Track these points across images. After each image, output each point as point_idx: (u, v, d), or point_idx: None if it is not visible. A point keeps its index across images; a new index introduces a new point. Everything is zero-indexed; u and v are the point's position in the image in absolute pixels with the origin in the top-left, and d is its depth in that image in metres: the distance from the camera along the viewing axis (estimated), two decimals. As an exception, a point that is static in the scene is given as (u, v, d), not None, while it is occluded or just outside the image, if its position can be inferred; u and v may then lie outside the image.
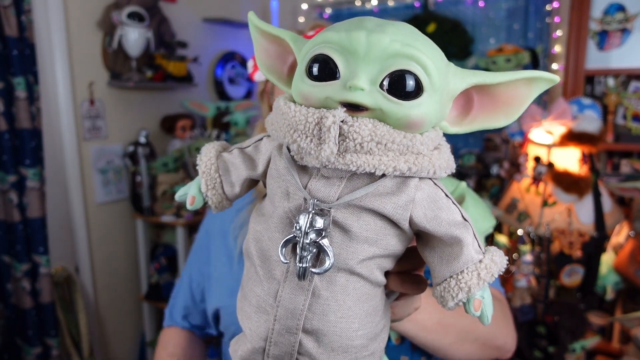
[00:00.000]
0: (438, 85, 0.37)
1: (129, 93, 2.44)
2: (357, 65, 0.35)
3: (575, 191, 1.61)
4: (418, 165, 0.36)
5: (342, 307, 0.40)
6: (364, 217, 0.38)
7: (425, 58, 0.36)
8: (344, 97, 0.35)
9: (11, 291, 1.94)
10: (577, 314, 1.65)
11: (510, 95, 0.39)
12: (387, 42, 0.35)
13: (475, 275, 0.38)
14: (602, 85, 2.09)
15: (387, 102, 0.35)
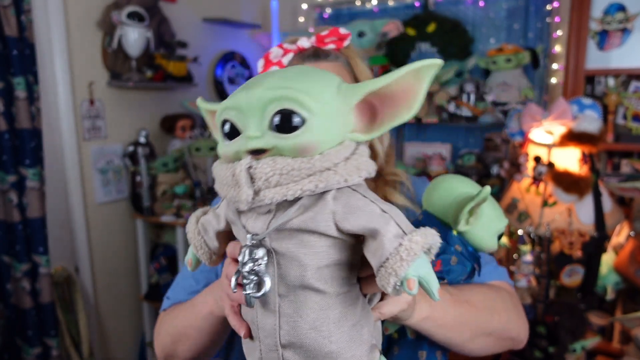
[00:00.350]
0: (319, 110, 0.42)
1: (128, 93, 2.44)
2: (246, 119, 0.43)
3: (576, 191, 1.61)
4: (324, 180, 0.42)
5: (307, 320, 0.45)
6: (297, 237, 0.44)
7: (297, 94, 0.41)
8: (246, 147, 0.43)
9: (11, 291, 1.94)
10: (578, 314, 1.65)
11: (404, 90, 0.44)
12: (261, 93, 0.42)
13: (398, 259, 0.41)
14: (602, 85, 2.09)
15: (278, 140, 0.42)
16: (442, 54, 2.88)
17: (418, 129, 3.04)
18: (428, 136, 3.04)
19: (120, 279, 2.47)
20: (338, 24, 3.09)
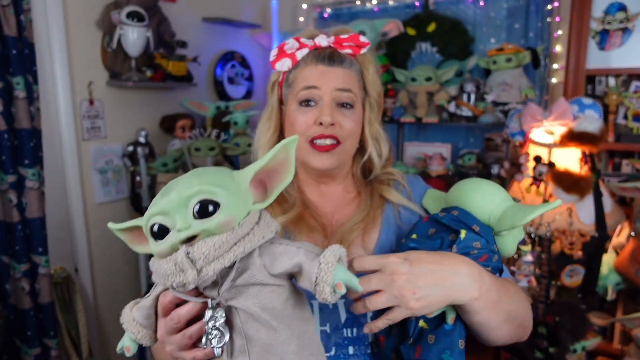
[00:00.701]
0: (226, 195, 0.54)
1: (128, 93, 2.43)
2: (172, 217, 0.53)
3: (576, 191, 1.61)
4: (247, 243, 0.54)
5: (273, 353, 0.56)
6: (245, 292, 0.56)
7: (208, 187, 0.53)
8: (179, 238, 0.53)
9: (10, 291, 1.93)
10: (578, 314, 1.65)
11: (280, 162, 0.58)
12: (179, 194, 0.53)
13: (322, 274, 0.53)
14: (603, 85, 2.09)
15: (202, 224, 0.52)
16: (442, 53, 2.88)
17: (418, 129, 3.04)
18: (428, 136, 3.04)
19: (119, 279, 2.47)
20: (338, 24, 3.09)
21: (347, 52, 0.86)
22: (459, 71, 2.59)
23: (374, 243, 0.85)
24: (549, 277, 1.73)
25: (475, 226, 0.73)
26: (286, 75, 0.88)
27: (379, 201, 0.90)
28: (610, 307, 1.94)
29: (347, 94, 0.83)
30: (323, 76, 0.83)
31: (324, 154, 0.82)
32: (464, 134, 2.92)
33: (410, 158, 2.90)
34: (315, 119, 0.82)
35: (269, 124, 0.90)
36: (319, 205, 0.91)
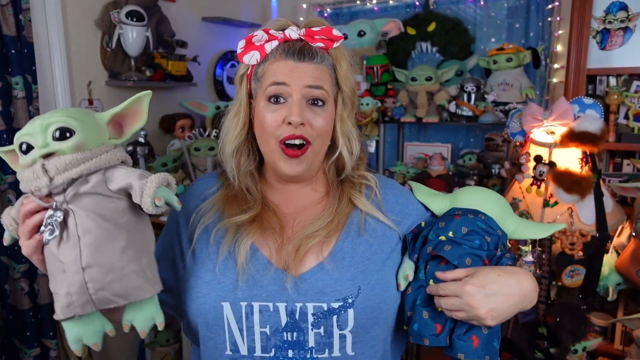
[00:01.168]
0: (82, 127, 0.69)
1: (127, 92, 2.42)
2: (36, 138, 0.68)
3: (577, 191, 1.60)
4: (94, 163, 0.69)
5: (100, 248, 0.69)
6: (88, 198, 0.69)
7: (66, 119, 0.68)
8: (39, 154, 0.67)
9: (9, 292, 1.93)
10: (579, 315, 1.64)
11: (134, 110, 0.75)
12: (39, 122, 0.68)
13: (146, 189, 0.68)
14: (604, 85, 2.08)
15: (58, 145, 0.67)
16: (443, 53, 2.87)
17: (418, 129, 3.03)
18: (428, 136, 3.03)
19: (119, 280, 2.46)
20: (338, 24, 3.09)
21: (319, 46, 0.81)
22: (460, 71, 2.59)
23: (329, 250, 0.83)
24: (550, 278, 1.73)
25: (499, 231, 0.84)
26: (255, 69, 0.84)
27: (346, 207, 0.87)
28: (611, 308, 1.93)
29: (318, 90, 0.80)
30: (292, 72, 0.79)
31: (294, 160, 0.81)
32: (465, 134, 2.91)
33: (411, 158, 2.89)
34: (284, 118, 0.79)
35: (237, 119, 0.87)
36: (282, 206, 0.89)
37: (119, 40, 2.25)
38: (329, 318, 0.78)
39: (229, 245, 0.82)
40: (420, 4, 2.88)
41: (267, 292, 0.79)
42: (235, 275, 0.80)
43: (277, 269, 0.80)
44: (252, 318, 0.78)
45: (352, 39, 2.69)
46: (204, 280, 0.81)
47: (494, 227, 0.83)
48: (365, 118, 2.56)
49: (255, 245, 0.83)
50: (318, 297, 0.78)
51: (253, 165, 0.89)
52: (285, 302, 0.78)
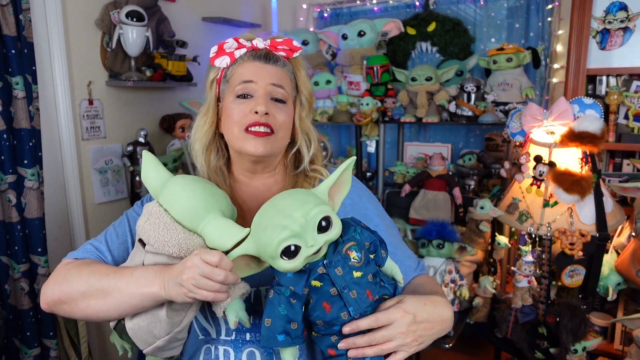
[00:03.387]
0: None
1: (127, 92, 2.43)
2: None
3: (577, 191, 1.60)
4: None
5: None
6: None
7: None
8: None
9: (9, 292, 1.93)
10: (579, 314, 1.64)
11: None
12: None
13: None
14: (603, 85, 2.08)
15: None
16: (443, 53, 2.87)
17: (418, 128, 3.03)
18: (428, 136, 3.04)
19: (119, 279, 2.46)
20: (338, 24, 3.09)
21: (281, 54, 0.93)
22: (459, 71, 2.59)
23: None
24: (550, 278, 1.73)
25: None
26: (225, 72, 0.93)
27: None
28: (611, 308, 1.93)
29: (280, 90, 0.90)
30: (259, 71, 0.90)
31: (259, 139, 0.87)
32: (465, 134, 2.91)
33: (411, 158, 2.89)
34: (251, 109, 0.87)
35: (205, 119, 0.95)
36: (248, 201, 0.96)
37: (119, 40, 2.25)
38: None
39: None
40: (420, 4, 2.88)
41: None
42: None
43: None
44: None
45: (352, 39, 2.69)
46: None
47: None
48: (365, 118, 2.56)
49: None
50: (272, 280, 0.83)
51: (222, 161, 0.97)
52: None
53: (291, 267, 0.67)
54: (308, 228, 0.65)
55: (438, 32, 2.83)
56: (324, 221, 0.66)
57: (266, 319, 0.72)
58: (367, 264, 0.72)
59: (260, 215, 0.72)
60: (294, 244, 0.65)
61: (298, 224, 0.65)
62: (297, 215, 0.65)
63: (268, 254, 0.69)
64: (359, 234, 0.74)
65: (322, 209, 0.67)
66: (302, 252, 0.66)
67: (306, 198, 0.68)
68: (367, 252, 0.73)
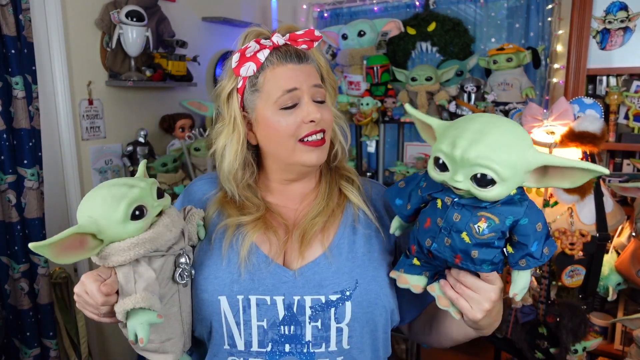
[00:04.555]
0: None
1: (127, 92, 2.43)
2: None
3: (577, 191, 1.60)
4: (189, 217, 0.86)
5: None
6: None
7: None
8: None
9: (9, 292, 1.93)
10: (579, 315, 1.64)
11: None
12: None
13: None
14: (603, 85, 2.08)
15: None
16: (443, 53, 2.87)
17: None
18: (428, 136, 3.03)
19: (119, 280, 2.46)
20: (338, 24, 3.08)
21: (303, 48, 0.85)
22: (460, 71, 2.59)
23: (329, 241, 0.85)
24: (550, 278, 1.73)
25: None
26: (250, 80, 0.84)
27: (339, 196, 0.91)
28: (611, 308, 1.93)
29: (320, 89, 0.85)
30: (298, 75, 0.82)
31: (316, 150, 0.83)
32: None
33: (411, 158, 2.89)
34: (302, 118, 0.81)
35: (232, 138, 0.86)
36: (282, 204, 0.91)
37: (119, 40, 2.25)
38: (326, 311, 0.79)
39: (229, 241, 0.84)
40: (420, 4, 2.88)
41: (264, 285, 0.80)
42: (233, 270, 0.81)
43: (276, 264, 0.82)
44: (249, 311, 0.79)
45: (352, 39, 2.69)
46: (203, 276, 0.82)
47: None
48: (365, 118, 2.56)
49: (255, 243, 0.84)
50: (316, 290, 0.80)
51: (251, 179, 0.90)
52: (282, 295, 0.79)
53: (438, 179, 0.65)
54: (463, 165, 0.61)
55: (438, 32, 2.83)
56: (486, 177, 0.60)
57: (400, 182, 0.78)
58: (483, 245, 0.66)
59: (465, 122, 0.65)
60: (442, 159, 0.63)
61: (460, 156, 0.61)
62: (471, 152, 0.60)
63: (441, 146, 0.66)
64: (513, 223, 0.65)
65: (492, 168, 0.59)
66: (446, 174, 0.63)
67: (504, 143, 0.61)
68: (497, 240, 0.66)
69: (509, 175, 0.61)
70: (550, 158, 0.62)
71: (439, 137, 0.67)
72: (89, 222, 0.69)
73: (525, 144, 0.62)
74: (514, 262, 0.68)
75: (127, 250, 0.69)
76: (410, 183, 0.77)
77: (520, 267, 0.68)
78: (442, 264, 0.73)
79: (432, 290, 0.75)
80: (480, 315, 0.71)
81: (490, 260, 0.67)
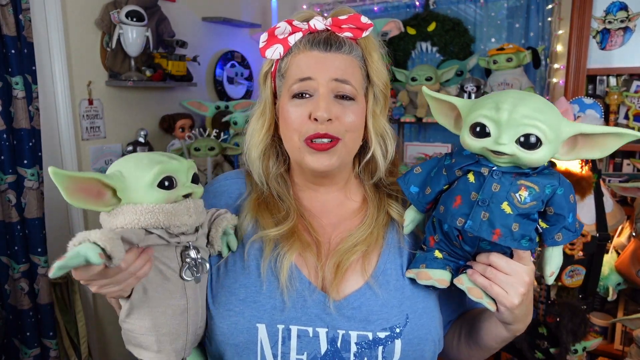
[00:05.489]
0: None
1: (127, 92, 2.43)
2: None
3: (577, 191, 1.60)
4: (213, 210, 0.80)
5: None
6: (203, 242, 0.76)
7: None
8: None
9: (9, 292, 1.93)
10: (579, 315, 1.64)
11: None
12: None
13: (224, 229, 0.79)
14: (604, 85, 2.08)
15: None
16: (443, 53, 2.87)
17: (419, 129, 3.03)
18: (428, 136, 3.03)
19: (119, 280, 2.46)
20: (338, 23, 3.08)
21: (347, 36, 0.75)
22: (460, 71, 2.59)
23: (372, 268, 0.76)
24: (550, 278, 1.73)
25: None
26: (279, 64, 0.78)
27: (385, 217, 0.80)
28: (611, 308, 1.93)
29: (347, 86, 0.73)
30: (318, 64, 0.73)
31: (322, 153, 0.73)
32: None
33: (411, 158, 2.89)
34: (310, 113, 0.72)
35: (261, 121, 0.81)
36: (317, 215, 0.82)
37: (119, 40, 2.25)
38: (374, 349, 0.71)
39: (268, 261, 0.75)
40: (420, 4, 2.88)
41: (307, 315, 0.71)
42: (273, 295, 0.73)
43: (319, 291, 0.74)
44: (288, 343, 0.71)
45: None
46: (237, 297, 0.73)
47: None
48: (365, 118, 2.55)
49: (295, 263, 0.75)
50: (363, 325, 0.71)
51: (283, 168, 0.83)
52: (326, 328, 0.71)
53: (477, 146, 0.63)
54: (510, 128, 0.60)
55: (438, 32, 2.83)
56: (532, 138, 0.59)
57: (416, 168, 0.74)
58: (524, 217, 0.64)
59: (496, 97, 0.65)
60: (483, 123, 0.62)
61: (507, 117, 0.60)
62: (517, 113, 0.59)
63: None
64: (552, 192, 0.64)
65: (538, 126, 0.59)
66: (488, 140, 0.61)
67: (543, 108, 0.61)
68: (537, 208, 0.64)
69: (553, 137, 0.61)
70: (584, 126, 0.62)
71: (472, 109, 0.66)
72: (116, 175, 0.65)
73: (558, 113, 0.63)
74: (550, 237, 0.67)
75: (139, 214, 0.64)
76: (428, 165, 0.73)
77: (555, 242, 0.67)
78: (472, 249, 0.69)
79: (460, 282, 0.70)
80: (517, 300, 0.66)
81: (528, 236, 0.65)
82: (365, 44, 0.77)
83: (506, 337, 0.78)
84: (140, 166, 0.66)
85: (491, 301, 0.69)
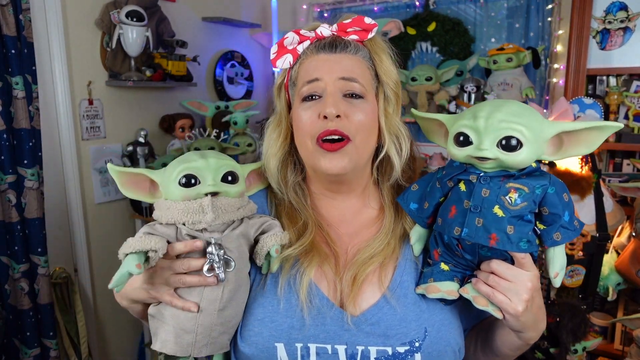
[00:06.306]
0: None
1: (127, 92, 2.43)
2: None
3: (577, 191, 1.60)
4: (248, 210, 0.76)
5: (238, 290, 0.73)
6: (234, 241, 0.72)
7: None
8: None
9: (9, 292, 1.93)
10: (579, 314, 1.64)
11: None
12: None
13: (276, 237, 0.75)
14: (603, 85, 2.08)
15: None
16: (443, 53, 2.87)
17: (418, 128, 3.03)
18: (428, 136, 3.03)
19: (119, 280, 2.46)
20: (338, 23, 3.08)
21: (353, 39, 0.77)
22: (460, 71, 2.59)
23: (388, 280, 0.75)
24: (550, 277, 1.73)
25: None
26: (290, 74, 0.80)
27: (401, 229, 0.81)
28: (611, 308, 1.93)
29: (355, 84, 0.74)
30: (325, 65, 0.74)
31: (334, 154, 0.73)
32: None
33: (411, 158, 2.89)
34: (319, 113, 0.72)
35: (278, 131, 0.82)
36: (334, 225, 0.82)
37: (119, 40, 2.25)
38: None
39: (286, 278, 0.75)
40: (420, 4, 2.88)
41: (325, 332, 0.71)
42: (291, 313, 0.73)
43: (337, 308, 0.73)
44: None
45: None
46: (256, 317, 0.74)
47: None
48: (365, 118, 2.55)
49: (313, 281, 0.75)
50: (382, 340, 0.71)
51: (300, 177, 0.84)
52: (345, 345, 0.71)
53: (462, 154, 0.66)
54: (490, 134, 0.63)
55: (438, 32, 2.83)
56: (512, 140, 0.61)
57: (413, 185, 0.77)
58: (518, 219, 0.64)
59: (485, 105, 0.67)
60: (465, 134, 0.65)
61: (485, 125, 0.63)
62: (493, 119, 0.63)
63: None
64: (542, 192, 0.65)
65: (516, 128, 0.61)
66: (469, 149, 0.64)
67: (521, 111, 0.64)
68: (530, 209, 0.65)
69: (533, 138, 0.62)
70: (564, 125, 0.64)
71: (455, 121, 0.69)
72: (159, 171, 0.73)
73: (538, 115, 0.65)
74: (549, 237, 0.66)
75: (163, 209, 0.70)
76: (424, 181, 0.76)
77: (555, 242, 0.67)
78: (473, 258, 0.69)
79: (465, 292, 0.71)
80: (520, 307, 0.65)
81: (526, 238, 0.65)
82: (371, 45, 0.79)
83: (519, 344, 0.78)
84: (174, 163, 0.72)
85: (497, 309, 0.69)
